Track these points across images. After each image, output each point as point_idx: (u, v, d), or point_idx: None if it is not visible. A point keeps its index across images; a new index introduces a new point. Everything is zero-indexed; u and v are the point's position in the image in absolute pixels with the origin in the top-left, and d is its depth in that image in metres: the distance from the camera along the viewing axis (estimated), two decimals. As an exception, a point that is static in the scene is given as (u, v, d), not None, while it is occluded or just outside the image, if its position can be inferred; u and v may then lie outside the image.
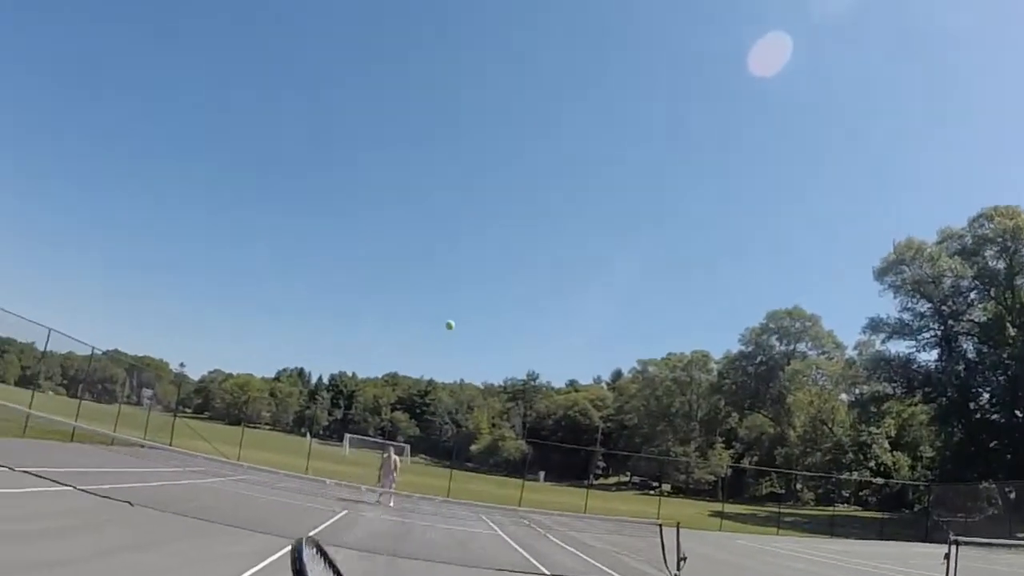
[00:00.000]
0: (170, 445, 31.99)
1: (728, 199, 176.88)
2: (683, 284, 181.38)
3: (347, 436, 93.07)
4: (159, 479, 18.56)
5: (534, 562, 13.95)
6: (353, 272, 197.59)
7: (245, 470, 26.01)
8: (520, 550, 15.78)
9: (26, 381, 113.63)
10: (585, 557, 16.20)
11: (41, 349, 29.24)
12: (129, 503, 12.06)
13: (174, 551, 9.41)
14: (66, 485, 12.76)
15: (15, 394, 42.63)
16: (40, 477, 13.05)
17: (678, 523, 13.67)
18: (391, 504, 22.50)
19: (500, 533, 19.49)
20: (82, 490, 12.59)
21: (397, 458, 24.97)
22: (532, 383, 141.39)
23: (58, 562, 7.46)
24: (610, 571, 14.06)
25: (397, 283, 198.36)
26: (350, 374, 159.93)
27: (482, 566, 12.71)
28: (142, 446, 28.32)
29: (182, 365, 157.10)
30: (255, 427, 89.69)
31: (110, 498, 12.34)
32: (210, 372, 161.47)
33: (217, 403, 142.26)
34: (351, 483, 23.10)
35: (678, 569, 12.63)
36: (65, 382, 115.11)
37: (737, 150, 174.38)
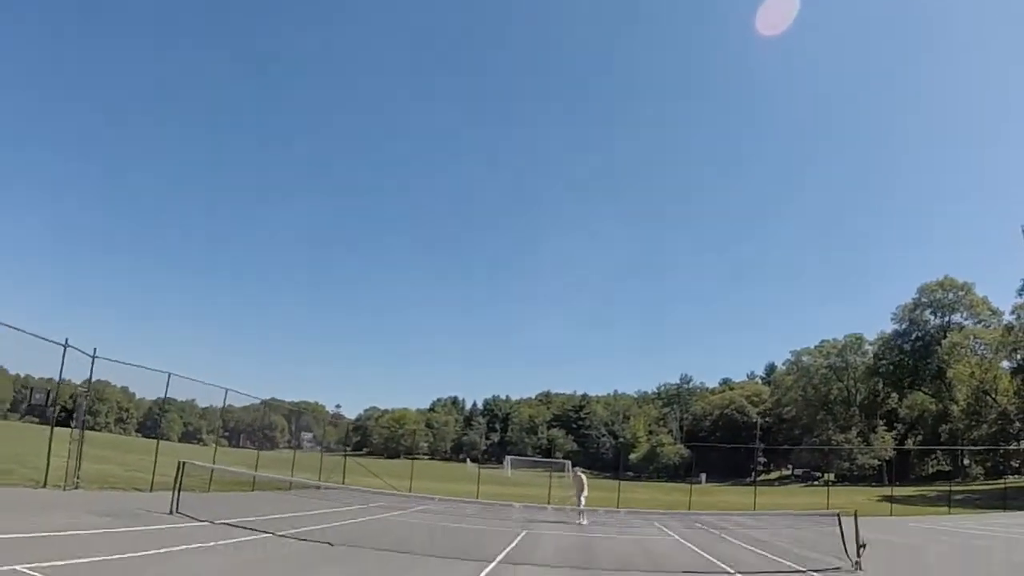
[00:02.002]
0: (343, 483, 33.81)
1: (863, 180, 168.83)
2: (829, 270, 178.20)
3: (507, 458, 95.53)
4: (347, 517, 19.46)
5: (721, 564, 13.72)
6: (500, 295, 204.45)
7: (421, 500, 26.98)
8: (704, 554, 15.55)
9: (188, 436, 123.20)
10: (768, 555, 15.71)
11: (202, 406, 30.89)
12: (329, 544, 12.72)
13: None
14: (265, 532, 13.51)
15: (182, 450, 45.06)
16: (239, 527, 13.81)
17: (855, 511, 13.37)
18: (584, 521, 22.59)
19: (679, 538, 19.27)
20: (282, 536, 13.32)
21: (584, 476, 25.61)
22: (686, 386, 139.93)
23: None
24: (797, 566, 13.58)
25: (546, 296, 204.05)
26: (503, 397, 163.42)
27: (676, 571, 12.92)
28: (318, 487, 29.97)
29: (338, 406, 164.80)
30: (415, 458, 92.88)
31: (308, 540, 13.00)
32: (366, 410, 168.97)
33: (375, 439, 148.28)
34: (534, 504, 23.87)
35: (859, 556, 12.69)
36: (226, 434, 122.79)
37: (877, 134, 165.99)
